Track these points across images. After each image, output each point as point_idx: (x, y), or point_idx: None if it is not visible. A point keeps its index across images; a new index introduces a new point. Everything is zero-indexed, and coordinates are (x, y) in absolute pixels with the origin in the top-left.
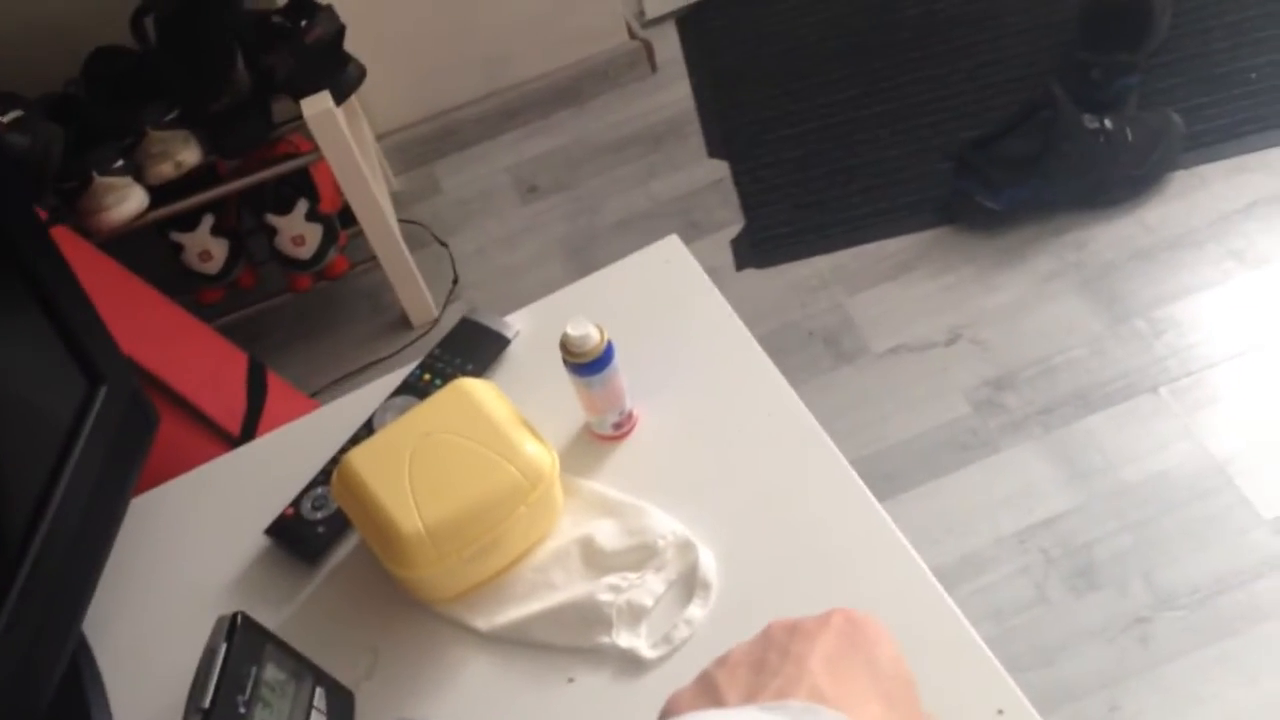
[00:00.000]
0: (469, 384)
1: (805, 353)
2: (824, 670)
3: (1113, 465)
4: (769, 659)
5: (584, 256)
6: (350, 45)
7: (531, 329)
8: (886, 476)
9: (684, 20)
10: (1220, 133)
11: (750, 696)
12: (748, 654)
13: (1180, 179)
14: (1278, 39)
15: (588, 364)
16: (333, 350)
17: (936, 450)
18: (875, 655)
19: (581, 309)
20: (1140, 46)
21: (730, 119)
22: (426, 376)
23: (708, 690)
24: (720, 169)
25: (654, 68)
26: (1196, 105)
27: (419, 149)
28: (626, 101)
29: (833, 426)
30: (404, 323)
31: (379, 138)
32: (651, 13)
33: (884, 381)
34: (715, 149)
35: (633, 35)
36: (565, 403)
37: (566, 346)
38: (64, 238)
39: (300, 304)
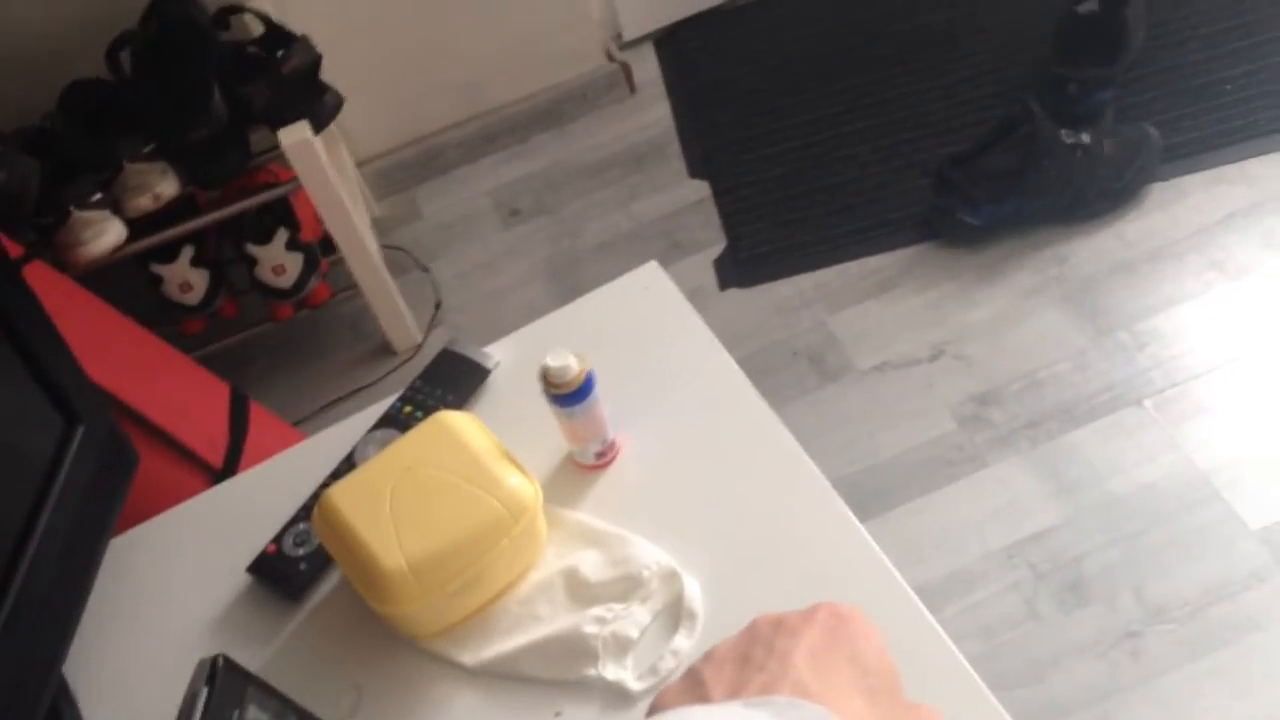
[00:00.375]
0: (449, 417)
1: (790, 371)
2: (808, 665)
3: (1100, 478)
4: (754, 654)
5: (567, 279)
6: (328, 73)
7: (512, 358)
8: (874, 494)
9: (661, 42)
10: (1197, 145)
11: (735, 692)
12: (733, 649)
13: (1159, 191)
14: (1252, 50)
15: (568, 395)
16: (316, 378)
17: (923, 466)
18: (859, 649)
19: (561, 337)
20: (1116, 61)
21: (710, 139)
22: (407, 409)
23: (694, 686)
24: (701, 189)
25: (633, 89)
26: (1173, 118)
27: (400, 174)
28: (606, 124)
29: (819, 445)
30: (387, 349)
31: (359, 164)
32: (629, 35)
33: (869, 399)
34: (696, 169)
35: (610, 58)
36: (547, 432)
37: (546, 378)
38: (41, 273)
39: (282, 333)
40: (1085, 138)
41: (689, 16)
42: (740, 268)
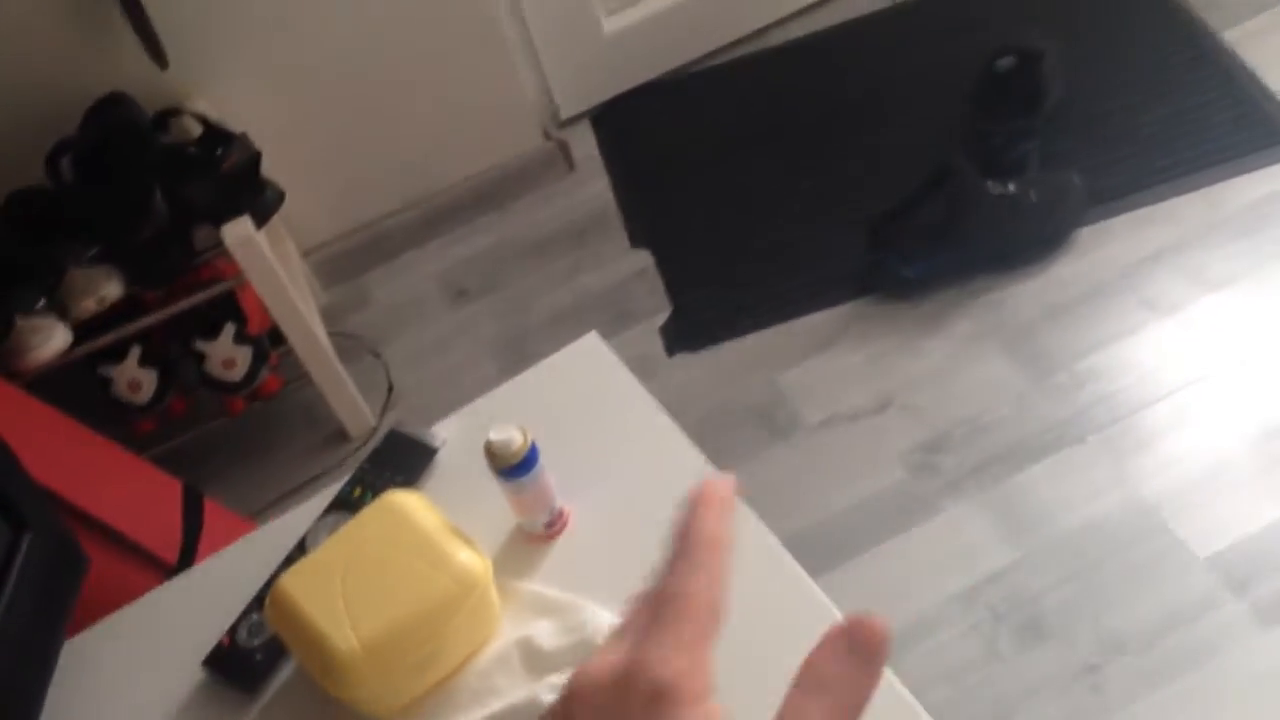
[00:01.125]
0: (397, 497)
1: (741, 431)
2: None
3: (1050, 517)
4: None
5: (517, 356)
6: (268, 168)
7: (459, 436)
8: (831, 547)
9: (598, 118)
10: (1121, 188)
11: None
12: None
13: (1087, 235)
14: (1169, 92)
15: (513, 468)
16: (272, 470)
17: (877, 516)
18: None
19: (506, 412)
20: (1035, 111)
21: (650, 209)
22: (357, 492)
23: None
24: (644, 259)
25: (571, 166)
26: (1096, 163)
27: (346, 262)
28: (547, 200)
29: (773, 502)
30: (342, 435)
31: (305, 254)
32: (566, 112)
33: (820, 453)
34: (637, 239)
35: (548, 136)
36: (496, 506)
37: (491, 452)
38: None
39: (236, 426)
40: (1011, 187)
41: (623, 92)
42: (686, 333)
